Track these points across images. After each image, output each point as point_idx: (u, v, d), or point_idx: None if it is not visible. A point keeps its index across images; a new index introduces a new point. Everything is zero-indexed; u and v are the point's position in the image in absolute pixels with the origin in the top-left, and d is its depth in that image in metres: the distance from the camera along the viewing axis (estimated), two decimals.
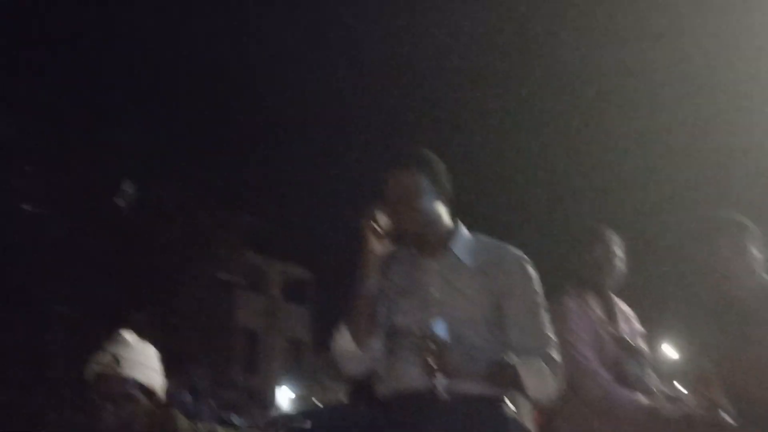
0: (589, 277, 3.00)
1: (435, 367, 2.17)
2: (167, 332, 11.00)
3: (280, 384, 27.21)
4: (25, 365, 9.57)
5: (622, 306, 3.12)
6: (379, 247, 2.32)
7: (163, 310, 10.91)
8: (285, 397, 26.70)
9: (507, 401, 2.37)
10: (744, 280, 2.34)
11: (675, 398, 2.79)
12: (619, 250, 3.01)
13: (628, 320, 3.08)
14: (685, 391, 2.92)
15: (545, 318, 2.35)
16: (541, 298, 2.35)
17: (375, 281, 2.34)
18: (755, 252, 2.39)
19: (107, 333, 2.59)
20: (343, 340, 2.36)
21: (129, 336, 2.56)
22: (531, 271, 2.40)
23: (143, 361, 2.54)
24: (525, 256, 2.42)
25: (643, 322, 3.00)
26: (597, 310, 3.00)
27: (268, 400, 25.53)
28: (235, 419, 3.18)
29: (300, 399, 26.81)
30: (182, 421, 2.56)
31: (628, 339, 2.89)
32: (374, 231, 2.32)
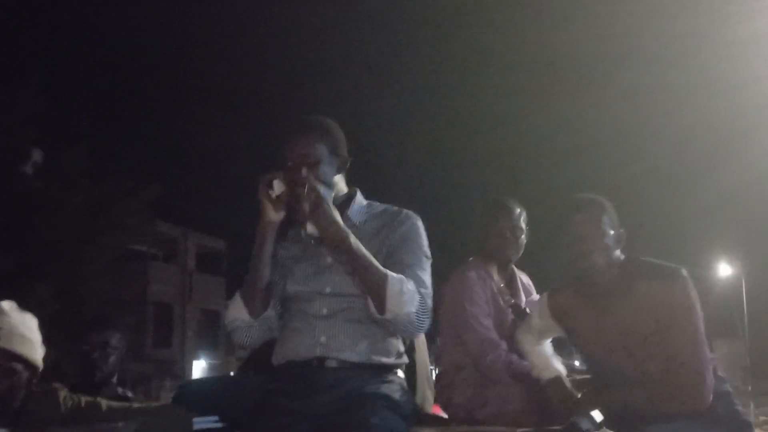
0: (492, 249, 3.03)
1: (308, 209, 2.18)
2: (73, 303, 10.73)
3: (194, 356, 26.98)
4: None
5: (523, 277, 3.18)
6: (274, 214, 2.28)
7: (68, 281, 10.60)
8: (200, 369, 26.49)
9: (399, 371, 2.36)
10: (596, 257, 2.42)
11: (569, 367, 2.86)
12: (522, 223, 3.05)
13: (528, 291, 3.14)
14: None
15: (423, 264, 2.34)
16: (422, 250, 2.34)
17: (270, 249, 2.31)
18: (609, 230, 2.47)
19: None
20: (237, 310, 2.32)
21: (7, 305, 2.47)
22: (419, 226, 2.39)
23: (23, 332, 2.46)
24: (415, 215, 2.41)
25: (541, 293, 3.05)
26: (499, 281, 3.05)
27: (182, 372, 25.29)
28: (128, 392, 3.09)
29: (215, 370, 26.61)
30: (63, 392, 2.49)
31: (527, 309, 2.94)
32: (270, 198, 2.28)
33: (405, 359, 2.38)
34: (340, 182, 2.41)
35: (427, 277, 2.30)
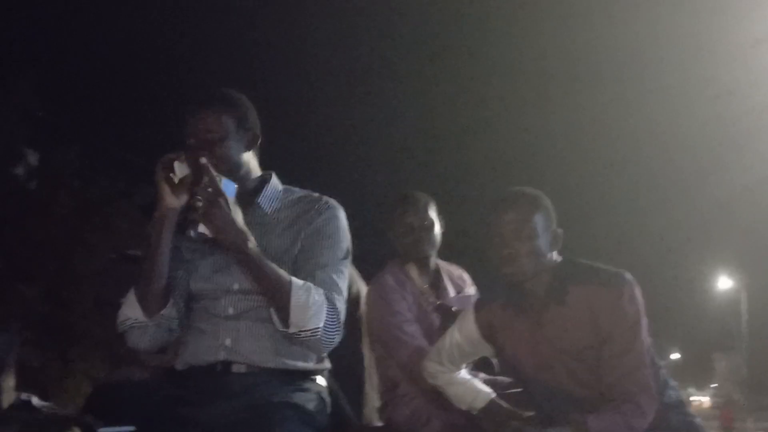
0: (405, 248, 2.80)
1: (200, 205, 1.91)
2: (62, 306, 10.57)
3: None
4: None
5: (454, 270, 2.92)
6: (174, 200, 2.05)
7: (57, 284, 10.43)
8: None
9: (318, 378, 2.13)
10: (524, 261, 2.14)
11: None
12: (431, 213, 2.81)
13: (460, 286, 2.88)
14: None
15: (340, 265, 2.09)
16: (340, 248, 2.10)
17: (168, 240, 2.07)
18: (541, 231, 2.17)
19: None
20: (130, 308, 2.09)
21: None
22: (340, 218, 2.14)
23: None
24: (336, 204, 2.16)
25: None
26: (421, 281, 2.81)
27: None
28: (33, 398, 2.91)
29: None
30: None
31: (454, 308, 2.70)
32: (170, 182, 2.04)
33: (326, 364, 2.15)
34: (250, 161, 2.16)
35: (342, 280, 2.06)
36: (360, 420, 2.81)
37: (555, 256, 2.21)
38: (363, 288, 2.87)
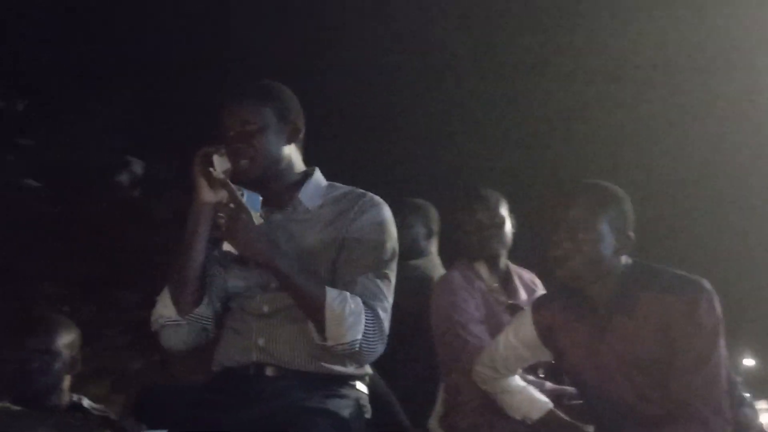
0: (475, 246, 2.68)
1: (222, 222, 1.85)
2: None
3: None
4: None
5: (524, 274, 2.79)
6: (211, 194, 2.00)
7: (154, 291, 10.69)
8: None
9: (358, 383, 2.02)
10: (577, 264, 1.95)
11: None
12: (503, 211, 2.69)
13: (531, 289, 2.75)
14: None
15: (384, 268, 1.98)
16: (384, 250, 1.99)
17: (204, 235, 2.03)
18: (607, 232, 1.98)
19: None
20: (163, 306, 2.05)
21: None
22: (385, 216, 2.04)
23: None
24: (381, 201, 2.06)
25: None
26: (490, 280, 2.67)
27: None
28: (84, 400, 2.89)
29: None
30: None
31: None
32: (208, 176, 1.99)
33: (366, 369, 2.04)
34: (292, 155, 2.09)
35: (385, 285, 1.95)
36: (423, 429, 2.70)
37: (624, 260, 2.04)
38: None
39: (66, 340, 2.91)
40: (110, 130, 11.08)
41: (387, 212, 2.05)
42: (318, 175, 2.11)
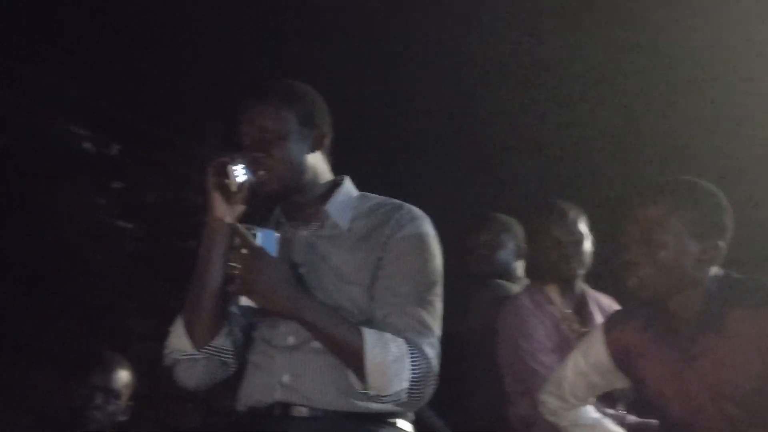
0: (548, 266, 2.45)
1: (236, 273, 1.67)
2: None
3: None
4: None
5: (602, 299, 2.55)
6: (228, 209, 1.85)
7: None
8: None
9: (401, 421, 1.84)
10: (650, 276, 1.71)
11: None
12: (583, 228, 2.46)
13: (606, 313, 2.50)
14: None
15: (427, 293, 1.77)
16: (426, 272, 1.79)
17: (220, 257, 1.88)
18: (690, 236, 1.73)
19: None
20: (177, 338, 1.91)
21: None
22: (425, 232, 1.83)
23: None
24: (421, 214, 1.86)
25: None
26: (563, 305, 2.45)
27: None
28: None
29: None
30: None
31: None
32: (223, 189, 1.85)
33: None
34: (317, 164, 1.92)
35: (431, 315, 1.75)
36: None
37: (713, 271, 1.78)
38: None
39: (126, 380, 2.87)
40: (200, 171, 11.26)
41: (428, 227, 1.86)
42: (348, 185, 1.93)
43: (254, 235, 1.75)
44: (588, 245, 2.54)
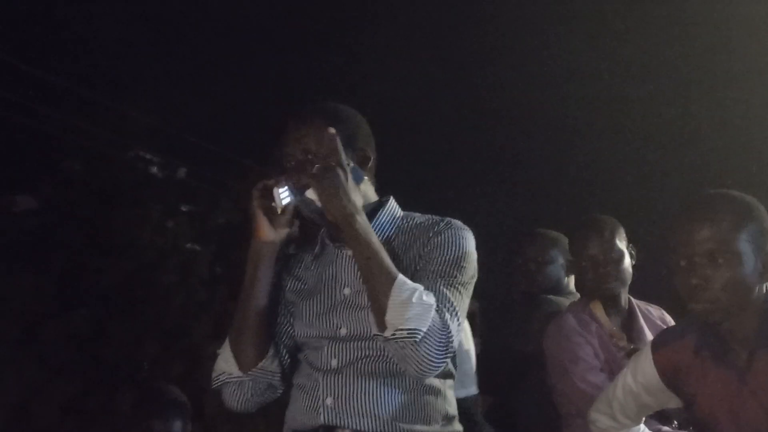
0: (590, 284, 2.30)
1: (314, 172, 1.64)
2: None
3: None
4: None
5: (652, 310, 2.37)
6: (273, 232, 1.77)
7: None
8: None
9: None
10: (720, 297, 1.56)
11: None
12: (619, 243, 2.29)
13: (659, 327, 2.33)
14: None
15: (458, 283, 1.71)
16: (459, 266, 1.72)
17: (267, 280, 1.80)
18: (751, 252, 1.58)
19: None
20: (225, 361, 1.83)
21: None
22: (465, 237, 1.74)
23: None
24: (461, 225, 1.76)
25: None
26: (609, 322, 2.28)
27: None
28: None
29: None
30: None
31: None
32: (268, 211, 1.77)
33: (456, 426, 1.72)
34: (362, 186, 1.83)
35: (459, 300, 1.66)
36: None
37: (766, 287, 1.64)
38: None
39: (185, 429, 2.81)
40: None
41: (469, 235, 1.76)
42: (392, 205, 1.84)
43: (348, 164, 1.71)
44: (627, 261, 2.37)
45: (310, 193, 1.70)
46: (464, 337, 2.61)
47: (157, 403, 2.79)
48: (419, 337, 1.56)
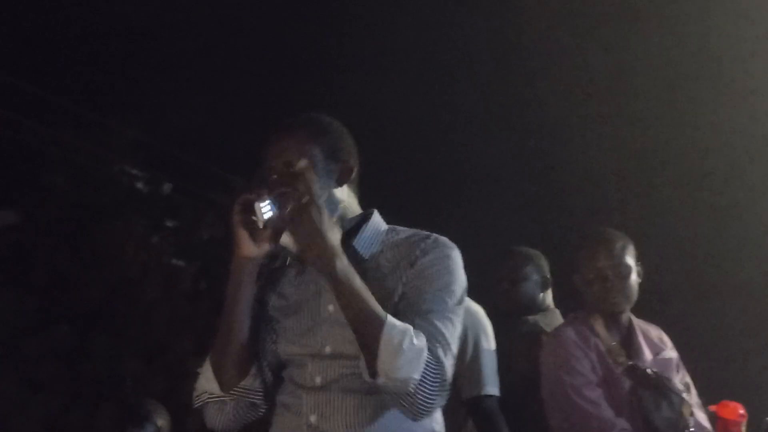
0: (593, 298, 2.27)
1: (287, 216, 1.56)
2: None
3: None
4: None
5: (651, 330, 2.35)
6: (254, 248, 1.72)
7: None
8: None
9: None
10: None
11: None
12: (629, 259, 2.27)
13: (657, 347, 2.30)
14: None
15: (448, 312, 1.67)
16: (449, 292, 1.67)
17: (248, 296, 1.75)
18: None
19: None
20: (206, 380, 1.78)
21: None
22: (452, 257, 1.71)
23: None
24: (448, 242, 1.73)
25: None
26: (608, 338, 2.26)
27: None
28: None
29: None
30: None
31: (651, 372, 2.11)
32: (249, 226, 1.72)
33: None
34: (345, 198, 1.79)
35: (450, 330, 1.62)
36: None
37: None
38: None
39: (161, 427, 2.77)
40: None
41: (455, 253, 1.72)
42: (376, 219, 1.80)
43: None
44: (634, 279, 2.33)
45: (285, 239, 1.65)
46: (484, 338, 2.58)
47: (135, 414, 2.76)
48: (413, 386, 1.53)
